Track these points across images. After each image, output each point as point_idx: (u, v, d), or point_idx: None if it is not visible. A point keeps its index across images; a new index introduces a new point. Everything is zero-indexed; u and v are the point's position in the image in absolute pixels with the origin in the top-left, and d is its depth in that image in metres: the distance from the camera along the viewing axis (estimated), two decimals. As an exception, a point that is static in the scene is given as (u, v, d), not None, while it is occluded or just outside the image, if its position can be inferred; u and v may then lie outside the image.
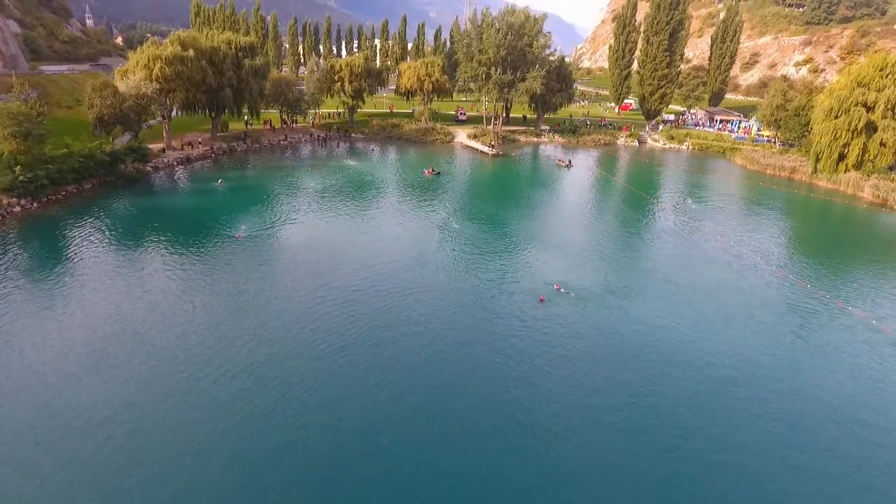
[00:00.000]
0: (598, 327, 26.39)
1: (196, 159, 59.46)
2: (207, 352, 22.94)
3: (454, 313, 27.34)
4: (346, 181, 53.19)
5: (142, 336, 23.88)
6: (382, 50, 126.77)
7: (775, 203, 54.09)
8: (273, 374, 21.59)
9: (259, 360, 22.45)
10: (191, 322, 25.30)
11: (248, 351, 23.03)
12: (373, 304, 27.81)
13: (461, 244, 37.40)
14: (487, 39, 72.07)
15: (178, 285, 29.02)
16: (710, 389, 22.03)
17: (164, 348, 23.04)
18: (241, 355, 22.70)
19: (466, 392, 21.24)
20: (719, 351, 24.95)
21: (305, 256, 33.68)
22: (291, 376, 21.50)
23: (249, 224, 38.70)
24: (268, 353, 23.09)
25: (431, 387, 21.51)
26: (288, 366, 22.26)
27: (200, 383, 20.87)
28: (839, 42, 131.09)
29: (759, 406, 21.15)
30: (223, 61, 59.87)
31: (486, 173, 63.14)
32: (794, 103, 71.06)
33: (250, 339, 24.04)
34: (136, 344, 23.29)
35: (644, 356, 24.12)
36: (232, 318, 25.93)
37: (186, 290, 28.56)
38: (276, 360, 22.54)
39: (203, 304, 27.07)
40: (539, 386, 21.63)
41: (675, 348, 24.95)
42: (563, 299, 28.90)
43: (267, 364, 22.25)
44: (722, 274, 34.00)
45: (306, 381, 21.20)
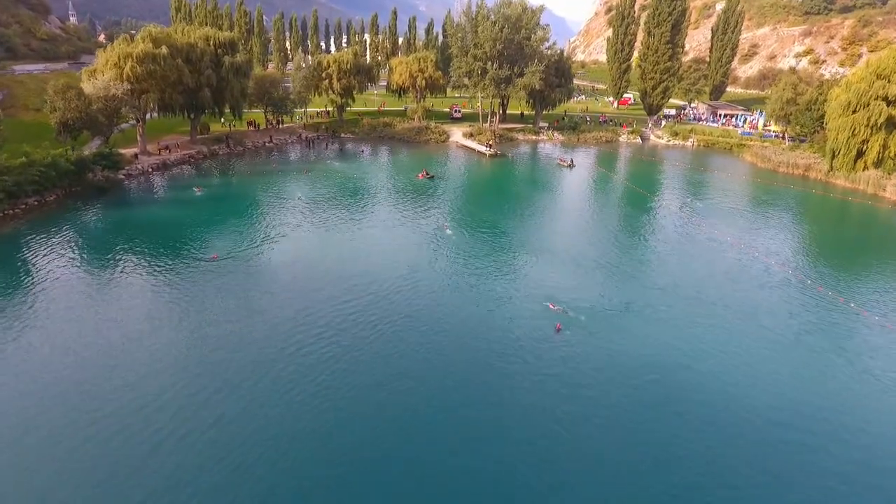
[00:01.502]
0: (613, 354, 22.94)
1: (173, 165, 55.42)
2: (176, 397, 19.74)
3: (451, 346, 23.83)
4: (333, 187, 49.39)
5: (105, 374, 20.78)
6: (372, 45, 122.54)
7: (792, 204, 50.85)
8: (246, 422, 18.39)
9: (231, 406, 18.89)
10: (157, 361, 21.93)
11: (218, 399, 19.41)
12: (359, 333, 24.33)
13: (457, 258, 33.86)
14: (483, 33, 68.27)
15: (145, 315, 25.56)
16: (758, 440, 18.64)
17: (127, 389, 19.82)
18: (210, 404, 19.12)
19: (469, 447, 17.75)
20: (761, 388, 21.57)
21: (285, 279, 30.00)
22: (267, 424, 18.24)
23: (226, 241, 34.92)
24: (240, 396, 19.67)
25: (429, 436, 18.04)
26: (261, 414, 18.97)
27: (166, 432, 17.75)
28: (840, 32, 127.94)
29: (821, 461, 17.81)
30: (201, 59, 55.80)
31: (483, 175, 59.50)
32: (805, 97, 67.80)
33: (223, 383, 20.46)
34: (98, 383, 20.24)
35: (668, 397, 20.70)
36: (202, 356, 22.37)
37: (154, 320, 25.12)
38: (250, 406, 19.15)
39: (172, 339, 23.48)
40: (553, 451, 18.18)
41: (706, 385, 21.53)
42: (574, 325, 25.41)
43: (240, 410, 18.76)
44: (750, 292, 30.61)
45: (281, 432, 17.70)
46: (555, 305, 27.35)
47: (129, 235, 35.76)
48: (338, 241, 35.84)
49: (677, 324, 26.63)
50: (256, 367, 21.72)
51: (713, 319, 27.23)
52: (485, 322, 26.03)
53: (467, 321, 26.08)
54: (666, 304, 28.71)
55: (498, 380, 21.71)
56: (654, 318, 27.13)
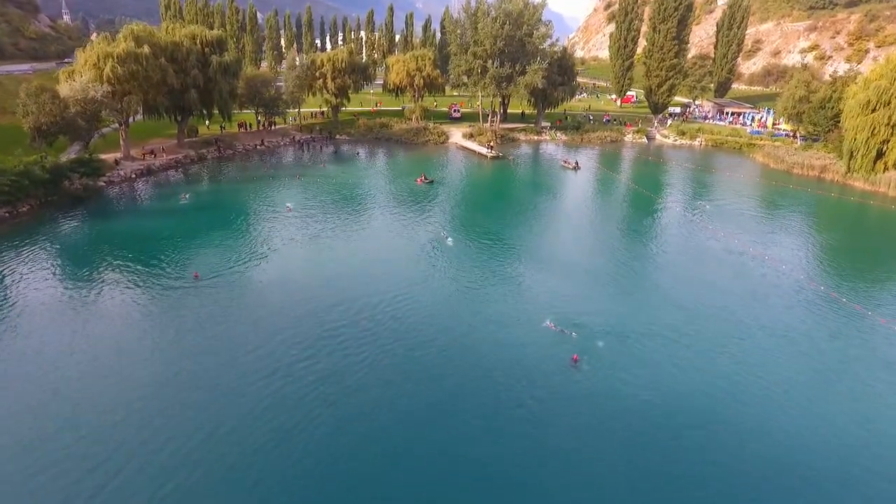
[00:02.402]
0: (637, 391, 20.31)
1: (159, 170, 52.58)
2: (142, 441, 17.47)
3: (454, 380, 21.18)
4: (326, 195, 46.59)
5: (77, 403, 19.19)
6: (368, 42, 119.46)
7: (812, 209, 48.30)
8: (233, 453, 16.44)
9: (205, 453, 16.32)
10: (123, 402, 19.38)
11: (187, 445, 16.75)
12: (351, 367, 21.71)
13: (459, 275, 31.20)
14: (483, 29, 65.44)
15: (113, 348, 22.95)
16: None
17: (85, 437, 17.48)
18: (178, 451, 16.50)
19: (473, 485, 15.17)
20: (808, 432, 18.95)
21: (271, 302, 27.25)
22: (255, 453, 16.40)
23: (210, 257, 32.16)
24: (214, 443, 17.09)
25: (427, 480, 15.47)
26: (250, 442, 16.94)
27: (145, 462, 16.44)
28: (846, 28, 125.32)
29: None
30: (186, 58, 52.95)
31: (484, 179, 56.77)
32: (818, 95, 65.14)
33: (196, 426, 17.89)
34: (71, 414, 18.42)
35: (703, 443, 18.09)
36: (174, 395, 19.75)
37: (123, 354, 22.51)
38: (226, 457, 16.65)
39: (142, 375, 20.79)
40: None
41: (746, 428, 18.90)
42: (591, 353, 22.75)
43: (215, 460, 16.21)
44: (781, 310, 27.98)
45: (271, 460, 15.16)
46: (555, 325, 25.00)
47: (104, 251, 32.99)
48: (329, 258, 33.04)
49: (706, 349, 23.99)
50: (235, 409, 19.06)
51: (745, 343, 24.60)
52: (493, 353, 23.33)
53: (472, 349, 23.39)
54: (691, 325, 26.09)
55: (509, 425, 19.06)
56: (679, 342, 24.49)
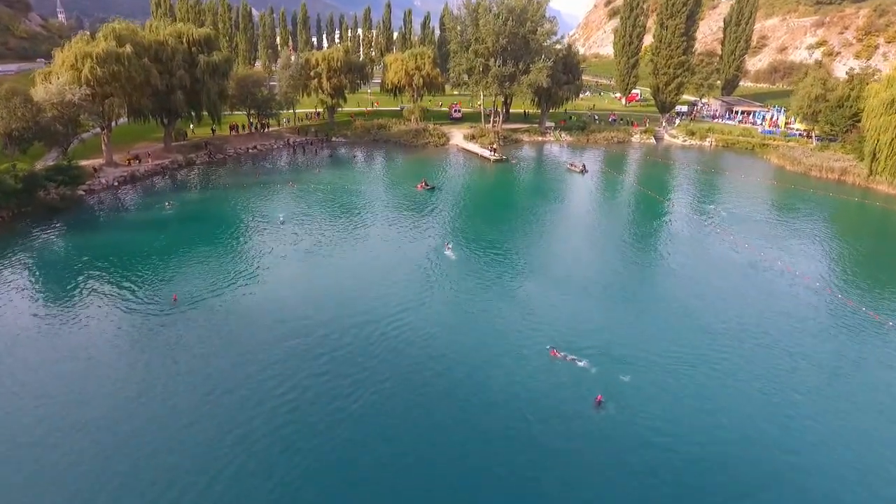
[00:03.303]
0: (673, 439, 17.60)
1: (143, 177, 49.65)
2: (120, 469, 15.41)
3: (459, 423, 18.49)
4: (321, 203, 43.74)
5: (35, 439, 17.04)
6: (365, 40, 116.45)
7: (835, 215, 45.63)
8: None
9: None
10: (94, 431, 17.26)
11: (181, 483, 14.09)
12: (343, 403, 19.20)
13: (461, 293, 28.70)
14: (485, 26, 62.51)
15: (85, 373, 20.69)
16: None
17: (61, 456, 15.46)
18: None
19: None
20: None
21: (258, 327, 24.47)
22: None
23: (191, 277, 29.36)
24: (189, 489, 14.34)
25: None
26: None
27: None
28: (855, 23, 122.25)
29: None
30: (172, 58, 50.02)
31: (487, 184, 53.93)
32: (836, 93, 62.31)
33: (175, 460, 15.17)
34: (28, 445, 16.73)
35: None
36: (147, 426, 17.17)
37: (94, 382, 20.30)
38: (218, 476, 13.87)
39: (111, 410, 18.02)
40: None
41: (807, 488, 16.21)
42: (614, 388, 20.00)
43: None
44: (825, 338, 25.24)
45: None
46: (557, 352, 22.63)
47: (77, 269, 30.21)
48: (322, 278, 30.17)
49: (747, 383, 21.30)
50: (207, 455, 16.32)
51: (789, 377, 21.89)
52: (503, 390, 20.58)
53: (479, 387, 20.65)
54: (725, 353, 23.46)
55: (527, 486, 16.34)
56: (713, 374, 21.80)
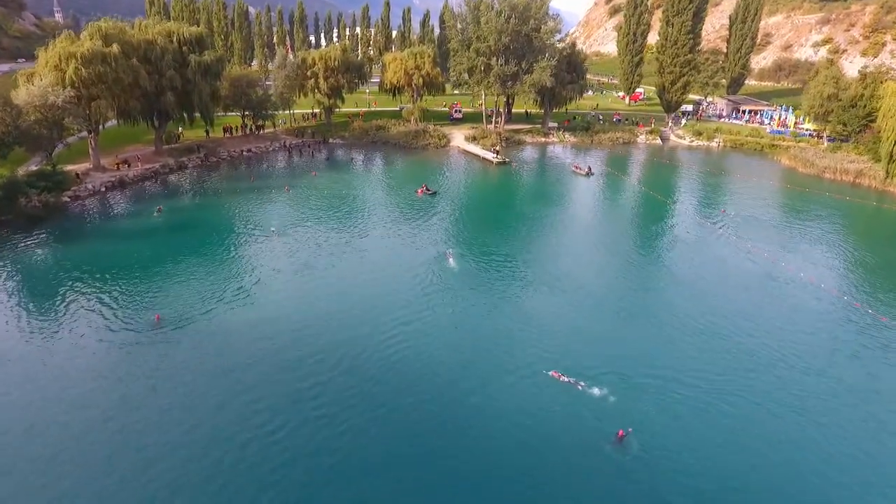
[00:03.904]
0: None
1: (133, 182, 47.69)
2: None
3: (463, 460, 16.57)
4: (317, 210, 41.78)
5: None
6: (364, 39, 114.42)
7: (856, 222, 43.69)
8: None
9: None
10: (64, 464, 14.66)
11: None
12: (334, 434, 17.12)
13: (464, 307, 26.79)
14: (487, 24, 60.55)
15: (54, 402, 18.46)
16: None
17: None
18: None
19: None
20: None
21: (246, 351, 22.52)
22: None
23: (177, 294, 27.41)
24: None
25: None
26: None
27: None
28: (861, 20, 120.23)
29: None
30: (161, 58, 48.04)
31: (490, 189, 51.99)
32: (849, 92, 60.37)
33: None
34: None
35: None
36: (120, 460, 15.13)
37: (63, 412, 18.16)
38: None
39: (94, 441, 16.07)
40: None
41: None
42: (637, 428, 18.11)
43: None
44: (870, 368, 23.28)
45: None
46: (561, 375, 20.87)
47: (56, 284, 28.30)
48: (317, 293, 28.14)
49: (779, 414, 19.38)
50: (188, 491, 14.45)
51: (828, 406, 19.98)
52: (511, 419, 18.69)
53: (483, 416, 18.75)
54: (754, 378, 21.51)
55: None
56: (745, 406, 19.86)
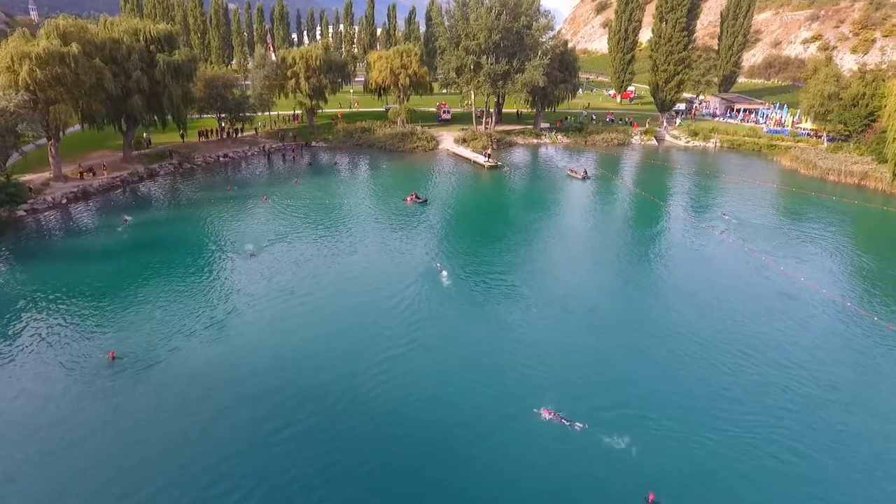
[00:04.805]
0: None
1: (98, 192, 44.16)
2: None
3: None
4: (299, 223, 38.63)
5: None
6: (347, 37, 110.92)
7: (869, 228, 41.68)
8: None
9: None
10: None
11: None
12: (315, 470, 14.25)
13: (455, 327, 24.31)
14: (476, 21, 57.69)
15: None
16: None
17: None
18: None
19: None
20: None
21: (222, 387, 19.52)
22: None
23: (139, 324, 24.29)
24: None
25: None
26: None
27: None
28: (850, 16, 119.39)
29: None
30: (127, 58, 44.56)
31: (483, 195, 49.20)
32: (850, 91, 58.55)
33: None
34: None
35: None
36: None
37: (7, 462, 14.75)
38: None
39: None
40: None
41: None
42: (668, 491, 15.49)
43: None
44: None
45: None
46: (551, 413, 18.64)
47: (1, 312, 25.03)
48: (296, 322, 25.09)
49: (831, 465, 16.88)
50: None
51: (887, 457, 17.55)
52: (509, 468, 15.96)
53: (482, 471, 15.99)
54: (791, 418, 19.00)
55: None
56: (791, 459, 17.33)
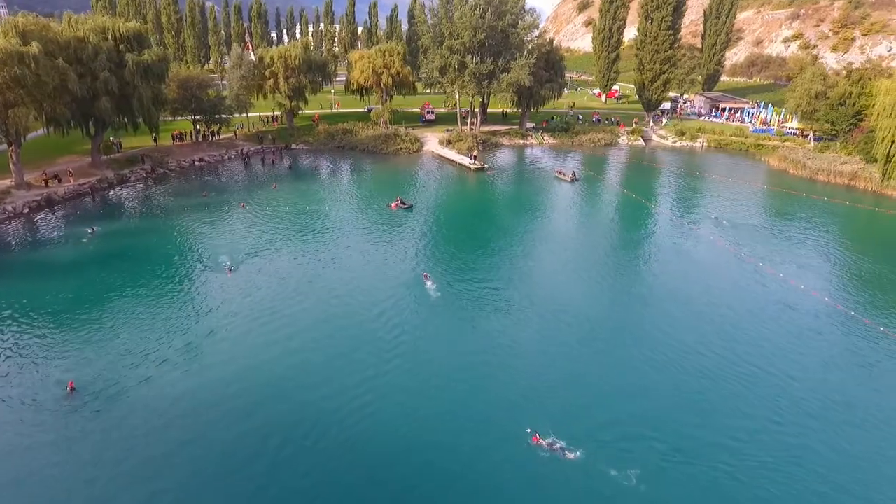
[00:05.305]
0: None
1: (63, 200, 41.72)
2: None
3: None
4: (278, 232, 36.63)
5: None
6: (328, 35, 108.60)
7: (867, 231, 41.08)
8: None
9: None
10: None
11: None
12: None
13: (443, 342, 23.03)
14: (461, 19, 56.15)
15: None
16: None
17: None
18: None
19: None
20: None
21: (192, 425, 17.71)
22: None
23: (101, 351, 22.31)
24: None
25: None
26: None
27: None
28: (830, 15, 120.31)
29: None
30: (94, 58, 42.16)
31: (470, 199, 47.69)
32: (837, 90, 58.20)
33: None
34: None
35: None
36: None
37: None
38: None
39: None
40: None
41: None
42: None
43: None
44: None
45: None
46: (540, 438, 17.32)
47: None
48: (281, 347, 23.21)
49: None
50: None
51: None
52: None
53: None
54: (807, 443, 17.79)
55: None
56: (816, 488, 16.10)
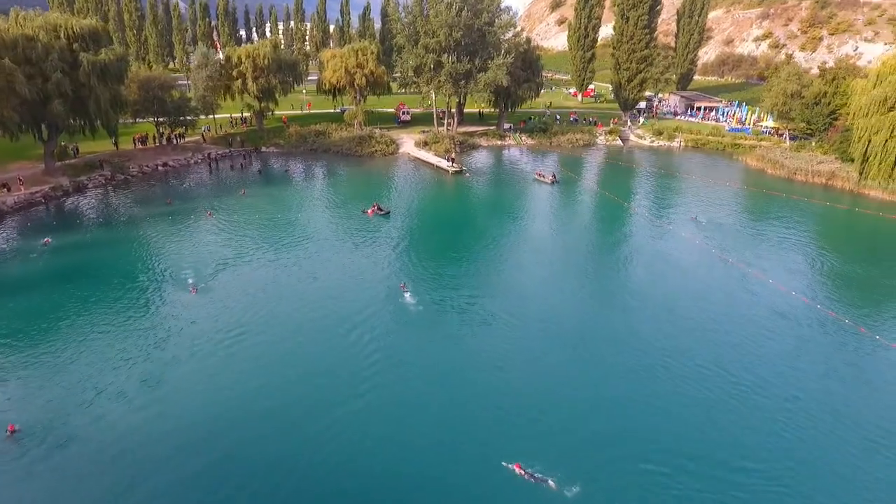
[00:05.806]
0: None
1: (13, 210, 38.86)
2: None
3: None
4: (247, 241, 34.52)
5: None
6: (298, 34, 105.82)
7: (853, 233, 40.94)
8: None
9: None
10: None
11: None
12: None
13: (421, 360, 21.45)
14: (436, 18, 54.57)
15: None
16: None
17: None
18: None
19: None
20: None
21: (156, 468, 15.79)
22: None
23: (47, 384, 20.15)
24: None
25: None
26: None
27: None
28: (798, 14, 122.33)
29: None
30: (45, 58, 39.37)
31: (449, 203, 46.18)
32: (812, 89, 58.41)
33: None
34: None
35: None
36: None
37: None
38: None
39: None
40: None
41: None
42: None
43: None
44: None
45: None
46: (521, 468, 16.14)
47: None
48: (250, 374, 21.44)
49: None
50: None
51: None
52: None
53: None
54: (813, 460, 16.77)
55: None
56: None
